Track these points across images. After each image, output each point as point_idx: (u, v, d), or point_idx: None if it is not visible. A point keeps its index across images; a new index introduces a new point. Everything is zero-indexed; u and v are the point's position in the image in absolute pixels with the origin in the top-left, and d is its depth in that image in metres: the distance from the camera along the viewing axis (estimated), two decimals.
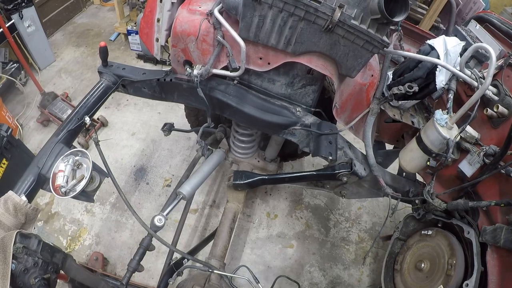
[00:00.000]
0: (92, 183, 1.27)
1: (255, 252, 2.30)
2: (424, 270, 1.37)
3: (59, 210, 2.34)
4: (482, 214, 1.30)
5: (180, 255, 1.39)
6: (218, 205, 2.51)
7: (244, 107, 1.39)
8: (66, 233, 2.24)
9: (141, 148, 2.80)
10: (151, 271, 2.10)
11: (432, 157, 1.32)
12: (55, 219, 2.30)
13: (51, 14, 3.79)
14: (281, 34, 1.12)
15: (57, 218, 2.30)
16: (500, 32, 1.45)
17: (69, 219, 2.30)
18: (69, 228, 2.27)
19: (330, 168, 1.50)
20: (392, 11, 0.99)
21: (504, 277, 1.13)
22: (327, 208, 2.62)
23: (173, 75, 1.48)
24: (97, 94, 1.51)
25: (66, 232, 2.25)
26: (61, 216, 2.31)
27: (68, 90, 3.19)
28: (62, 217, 2.31)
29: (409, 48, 1.74)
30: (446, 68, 1.21)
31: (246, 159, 2.02)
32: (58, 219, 2.30)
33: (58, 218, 2.30)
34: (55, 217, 2.31)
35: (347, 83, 1.35)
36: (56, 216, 2.31)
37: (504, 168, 1.14)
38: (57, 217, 2.31)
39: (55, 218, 2.30)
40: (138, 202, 2.44)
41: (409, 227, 1.64)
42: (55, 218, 2.30)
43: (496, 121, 1.28)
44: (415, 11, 2.44)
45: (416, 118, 1.54)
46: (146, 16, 1.47)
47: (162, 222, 1.30)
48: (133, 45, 3.64)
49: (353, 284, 2.25)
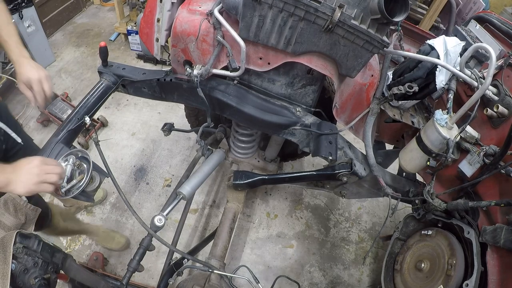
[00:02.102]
0: (92, 183, 1.27)
1: (255, 252, 2.30)
2: (424, 270, 1.37)
3: None
4: (482, 214, 1.30)
5: (180, 255, 1.39)
6: (218, 205, 2.51)
7: (244, 107, 1.39)
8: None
9: (141, 148, 2.80)
10: (151, 271, 2.10)
11: (432, 157, 1.32)
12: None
13: (51, 14, 3.79)
14: (281, 34, 1.12)
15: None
16: (500, 32, 1.45)
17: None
18: None
19: (330, 168, 1.50)
20: (392, 11, 0.99)
21: (504, 277, 1.13)
22: (327, 208, 2.63)
23: (173, 75, 1.48)
24: (97, 94, 1.50)
25: None
26: None
27: (68, 90, 3.19)
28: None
29: (409, 48, 1.74)
30: (446, 68, 1.21)
31: (246, 159, 2.02)
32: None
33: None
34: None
35: (347, 83, 1.35)
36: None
37: (504, 168, 1.14)
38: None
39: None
40: (138, 202, 2.44)
41: (409, 227, 1.64)
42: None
43: (496, 121, 1.28)
44: (415, 11, 2.44)
45: (416, 118, 1.55)
46: (146, 16, 1.47)
47: (162, 222, 1.30)
48: (133, 45, 3.64)
49: (353, 284, 2.25)
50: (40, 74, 1.18)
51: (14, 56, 1.19)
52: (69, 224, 1.83)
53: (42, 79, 1.18)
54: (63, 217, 1.79)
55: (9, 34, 1.19)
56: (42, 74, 1.18)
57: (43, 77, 1.19)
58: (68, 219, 1.85)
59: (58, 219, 1.71)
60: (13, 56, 1.19)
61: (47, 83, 1.20)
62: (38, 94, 1.18)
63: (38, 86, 1.18)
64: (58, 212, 1.74)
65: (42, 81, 1.19)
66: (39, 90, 1.18)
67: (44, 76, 1.19)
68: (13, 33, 1.20)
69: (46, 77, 1.20)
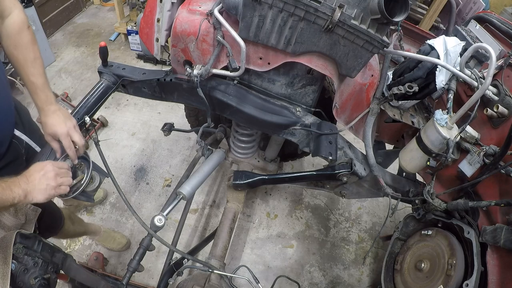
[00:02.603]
0: (92, 183, 1.27)
1: (255, 252, 2.30)
2: (424, 270, 1.37)
3: None
4: (482, 214, 1.30)
5: (180, 255, 1.39)
6: (218, 205, 2.51)
7: (244, 107, 1.39)
8: None
9: (141, 148, 2.80)
10: (151, 271, 2.10)
11: (432, 157, 1.32)
12: None
13: (51, 14, 3.79)
14: (281, 34, 1.12)
15: None
16: (500, 32, 1.45)
17: None
18: None
19: (330, 168, 1.50)
20: (392, 11, 0.99)
21: (504, 277, 1.13)
22: (327, 208, 2.63)
23: (173, 75, 1.48)
24: (97, 94, 1.50)
25: None
26: None
27: (68, 90, 3.19)
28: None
29: (409, 48, 1.74)
30: (446, 68, 1.21)
31: (246, 159, 2.02)
32: None
33: None
34: None
35: (347, 83, 1.35)
36: None
37: (504, 168, 1.13)
38: None
39: None
40: (138, 202, 2.44)
41: (409, 227, 1.64)
42: None
43: (496, 121, 1.28)
44: (415, 11, 2.44)
45: (416, 118, 1.54)
46: (146, 16, 1.47)
47: (162, 222, 1.29)
48: (133, 45, 3.64)
49: (353, 284, 2.25)
50: (68, 126, 1.11)
51: (40, 102, 1.09)
52: (76, 227, 1.82)
53: (71, 131, 1.11)
54: (72, 220, 1.78)
55: (36, 74, 1.07)
56: (70, 126, 1.11)
57: (72, 129, 1.12)
58: (76, 222, 1.84)
59: (69, 223, 1.70)
60: (38, 102, 1.09)
61: (76, 134, 1.12)
62: (69, 148, 1.12)
63: (67, 141, 1.11)
64: (68, 215, 1.73)
65: (71, 134, 1.11)
66: (69, 144, 1.11)
67: (73, 127, 1.12)
68: (41, 72, 1.09)
69: (74, 127, 1.13)
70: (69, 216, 1.76)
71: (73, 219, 1.82)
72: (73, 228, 1.78)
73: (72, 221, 1.79)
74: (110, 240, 2.12)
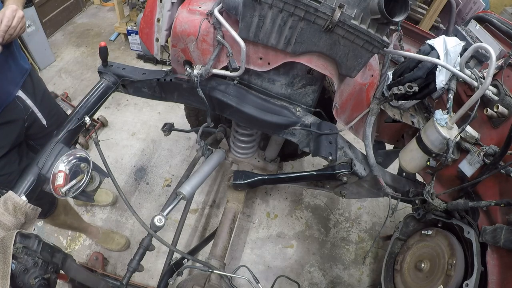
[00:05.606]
0: (92, 183, 1.27)
1: (255, 252, 2.30)
2: (424, 270, 1.37)
3: None
4: (482, 214, 1.30)
5: (180, 255, 1.39)
6: (218, 205, 2.51)
7: (244, 107, 1.39)
8: (66, 233, 2.24)
9: (141, 148, 2.80)
10: (151, 271, 2.10)
11: (432, 157, 1.32)
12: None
13: (51, 14, 3.79)
14: (281, 34, 1.12)
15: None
16: (500, 32, 1.45)
17: None
18: None
19: (330, 168, 1.50)
20: (392, 11, 0.99)
21: (504, 277, 1.13)
22: (327, 208, 2.63)
23: (173, 75, 1.48)
24: (97, 94, 1.50)
25: (66, 232, 2.24)
26: None
27: (68, 90, 3.19)
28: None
29: (409, 48, 1.74)
30: (446, 68, 1.21)
31: (246, 159, 2.02)
32: None
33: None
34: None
35: (347, 83, 1.35)
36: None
37: (504, 168, 1.14)
38: None
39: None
40: (138, 202, 2.44)
41: (409, 227, 1.64)
42: None
43: (496, 121, 1.28)
44: (415, 11, 2.44)
45: (416, 118, 1.54)
46: (146, 16, 1.47)
47: (162, 222, 1.29)
48: (133, 45, 3.64)
49: (353, 284, 2.25)
50: (6, 13, 1.07)
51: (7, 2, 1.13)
52: (68, 219, 1.85)
53: (6, 14, 1.07)
54: (65, 211, 1.80)
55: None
56: (8, 12, 1.08)
57: (5, 14, 1.08)
58: (70, 214, 1.87)
59: (60, 210, 1.73)
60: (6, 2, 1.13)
61: (5, 19, 1.07)
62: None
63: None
64: (63, 204, 1.76)
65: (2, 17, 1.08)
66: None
67: (10, 11, 1.08)
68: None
69: (10, 12, 1.09)
70: (64, 206, 1.77)
71: (68, 210, 1.84)
72: (65, 218, 1.80)
73: (66, 212, 1.81)
74: (109, 241, 2.12)
